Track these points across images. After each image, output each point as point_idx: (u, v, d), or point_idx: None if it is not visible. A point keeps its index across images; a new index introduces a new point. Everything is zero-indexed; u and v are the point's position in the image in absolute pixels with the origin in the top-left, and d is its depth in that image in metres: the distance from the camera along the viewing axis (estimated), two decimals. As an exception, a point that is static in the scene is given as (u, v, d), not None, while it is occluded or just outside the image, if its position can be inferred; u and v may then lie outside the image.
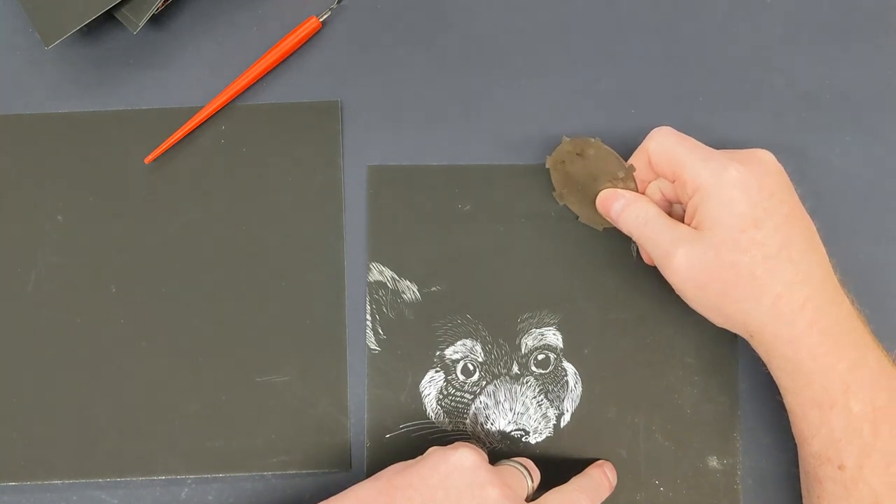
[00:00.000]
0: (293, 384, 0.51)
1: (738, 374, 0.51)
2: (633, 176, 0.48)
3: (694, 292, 0.45)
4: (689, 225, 0.45)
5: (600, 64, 0.54)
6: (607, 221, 0.50)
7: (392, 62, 0.54)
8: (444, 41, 0.54)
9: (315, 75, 0.54)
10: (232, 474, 0.51)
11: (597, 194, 0.49)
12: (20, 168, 0.53)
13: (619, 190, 0.48)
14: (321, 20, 0.53)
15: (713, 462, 0.51)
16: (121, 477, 0.51)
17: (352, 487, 0.45)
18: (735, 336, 0.51)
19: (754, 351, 0.46)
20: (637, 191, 0.48)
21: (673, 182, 0.46)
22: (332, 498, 0.45)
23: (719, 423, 0.51)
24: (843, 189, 0.53)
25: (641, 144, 0.48)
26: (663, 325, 0.52)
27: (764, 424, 0.51)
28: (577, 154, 0.49)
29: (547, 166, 0.51)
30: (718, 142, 0.53)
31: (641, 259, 0.51)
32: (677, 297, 0.48)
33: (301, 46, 0.53)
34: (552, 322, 0.52)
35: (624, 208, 0.48)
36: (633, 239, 0.48)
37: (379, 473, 0.45)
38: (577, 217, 0.52)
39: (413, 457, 0.46)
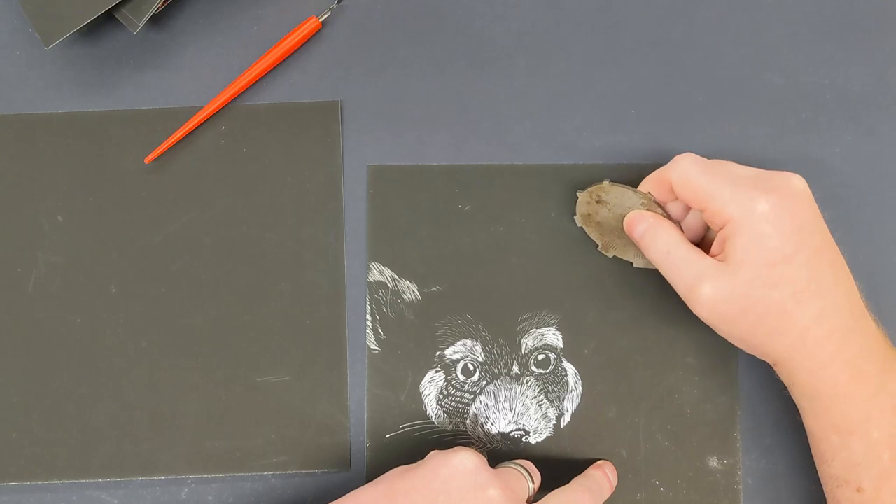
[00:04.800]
0: (293, 384, 0.51)
1: (738, 374, 0.51)
2: (654, 202, 0.47)
3: (721, 325, 0.45)
4: (718, 254, 0.45)
5: (600, 64, 0.54)
6: None
7: (392, 62, 0.54)
8: (444, 41, 0.54)
9: (315, 75, 0.54)
10: (232, 474, 0.51)
11: None
12: (20, 168, 0.53)
13: (644, 212, 0.47)
14: (321, 20, 0.53)
15: (713, 462, 0.51)
16: (121, 477, 0.51)
17: (353, 492, 0.45)
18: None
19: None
20: (665, 214, 0.48)
21: (702, 211, 0.45)
22: (334, 502, 0.45)
23: (719, 423, 0.51)
24: (843, 189, 0.53)
25: (661, 170, 0.47)
26: (663, 325, 0.52)
27: (764, 424, 0.51)
28: (597, 202, 0.49)
29: (579, 225, 0.51)
30: (718, 141, 0.53)
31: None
32: (677, 296, 0.48)
33: (301, 46, 0.53)
34: (552, 322, 0.52)
35: (645, 232, 0.47)
36: (656, 266, 0.47)
37: (380, 477, 0.45)
38: (633, 264, 0.51)
39: (413, 457, 0.46)
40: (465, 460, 0.43)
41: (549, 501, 0.45)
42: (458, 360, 0.52)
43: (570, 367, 0.51)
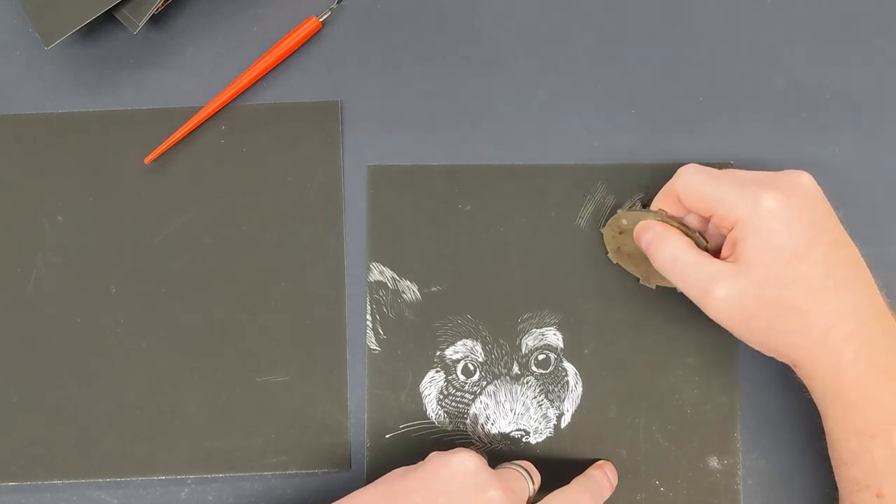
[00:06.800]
0: (293, 384, 0.51)
1: (738, 374, 0.51)
2: (668, 217, 0.47)
3: (737, 328, 0.44)
4: (730, 257, 0.44)
5: (600, 64, 0.54)
6: None
7: (392, 62, 0.54)
8: (444, 41, 0.54)
9: (315, 75, 0.54)
10: (232, 474, 0.51)
11: None
12: (20, 168, 0.53)
13: (650, 221, 0.47)
14: (321, 20, 0.53)
15: (713, 462, 0.51)
16: (121, 477, 0.51)
17: (353, 493, 0.45)
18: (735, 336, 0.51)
19: (754, 351, 0.46)
20: (683, 228, 0.47)
21: (709, 218, 0.45)
22: (334, 503, 0.45)
23: (719, 423, 0.51)
24: (842, 189, 0.52)
25: (667, 185, 0.47)
26: (663, 325, 0.52)
27: (764, 424, 0.51)
28: (620, 233, 0.49)
29: (614, 262, 0.51)
30: (718, 141, 0.53)
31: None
32: (677, 297, 0.48)
33: (301, 46, 0.53)
34: (552, 322, 0.52)
35: (651, 241, 0.46)
36: (664, 274, 0.46)
37: (380, 479, 0.45)
38: (677, 289, 0.49)
39: (413, 458, 0.46)
40: (466, 461, 0.43)
41: (549, 502, 0.45)
42: (458, 360, 0.52)
43: (570, 367, 0.51)
